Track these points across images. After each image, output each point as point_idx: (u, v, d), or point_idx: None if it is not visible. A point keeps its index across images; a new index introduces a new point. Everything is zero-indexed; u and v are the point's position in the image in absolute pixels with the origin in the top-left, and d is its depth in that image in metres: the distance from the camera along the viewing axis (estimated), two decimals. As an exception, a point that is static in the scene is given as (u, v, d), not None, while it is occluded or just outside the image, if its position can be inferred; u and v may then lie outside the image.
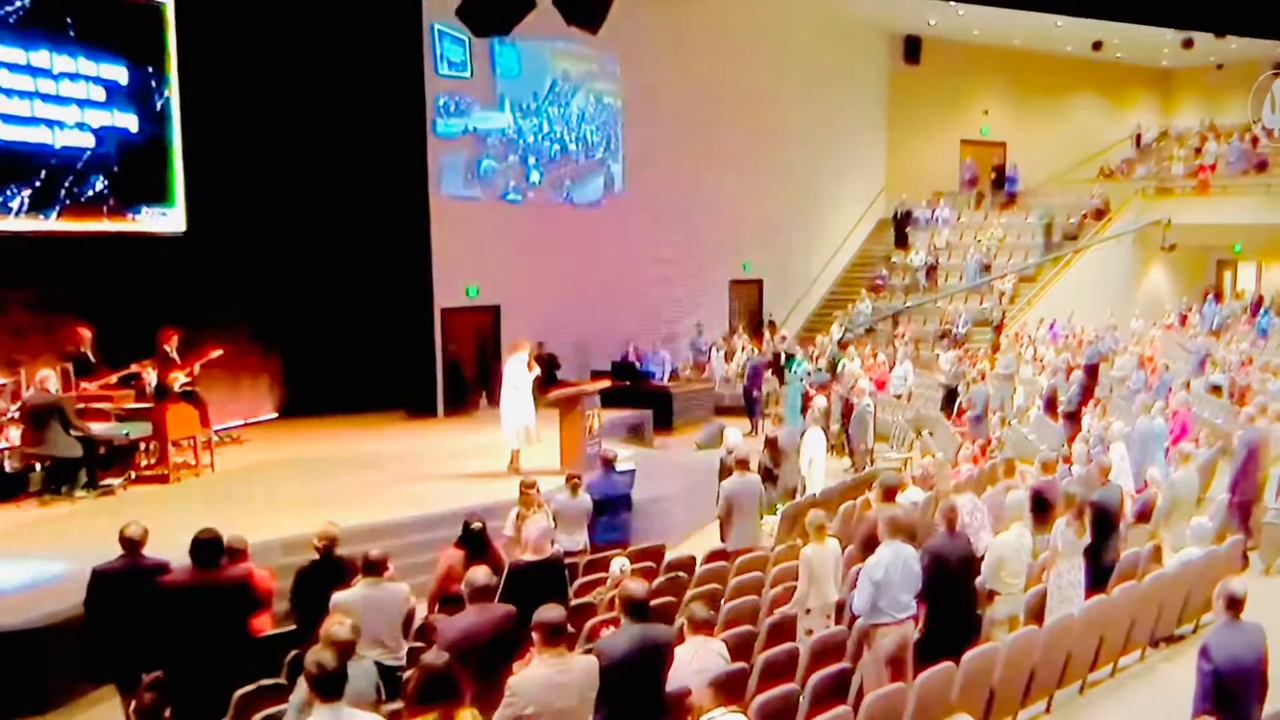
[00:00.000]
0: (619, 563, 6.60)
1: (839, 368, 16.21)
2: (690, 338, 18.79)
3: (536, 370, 10.60)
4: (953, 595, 5.77)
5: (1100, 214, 21.82)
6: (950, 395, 14.74)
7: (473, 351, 15.40)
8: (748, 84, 19.46)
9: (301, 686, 4.01)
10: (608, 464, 8.45)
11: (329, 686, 3.56)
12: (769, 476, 10.26)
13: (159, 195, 12.07)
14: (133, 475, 9.88)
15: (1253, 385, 13.27)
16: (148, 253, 11.72)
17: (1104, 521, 6.91)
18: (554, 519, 7.43)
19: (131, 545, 5.53)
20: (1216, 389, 13.94)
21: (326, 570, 5.57)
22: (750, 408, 16.07)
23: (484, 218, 15.45)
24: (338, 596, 5.01)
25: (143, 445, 10.06)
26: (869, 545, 6.31)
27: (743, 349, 18.11)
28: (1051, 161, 24.54)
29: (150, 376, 10.34)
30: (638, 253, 17.64)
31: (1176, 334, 19.61)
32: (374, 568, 5.16)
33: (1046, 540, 6.71)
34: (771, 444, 10.63)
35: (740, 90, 19.31)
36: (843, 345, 18.14)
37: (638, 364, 16.56)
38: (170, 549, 5.64)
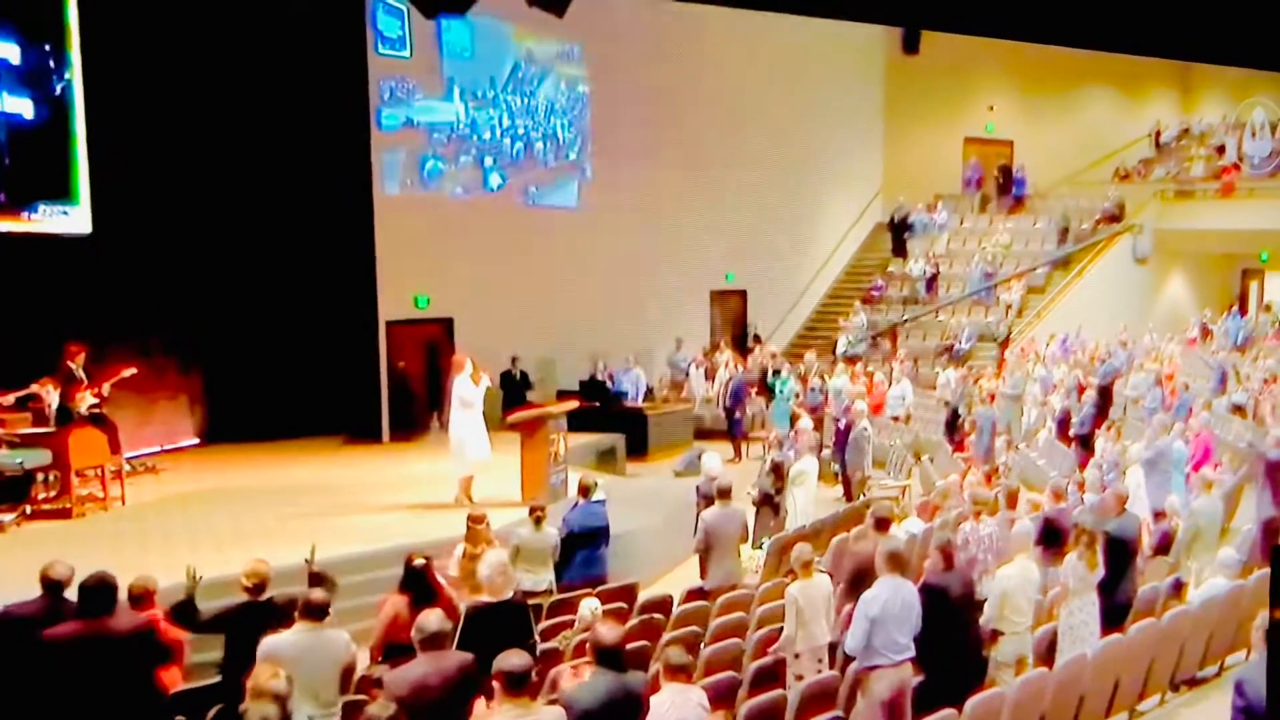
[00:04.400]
0: (589, 604, 6.61)
1: (828, 387, 16.36)
2: (667, 354, 18.88)
3: (486, 381, 10.41)
4: (954, 634, 5.84)
5: (1115, 218, 22.23)
6: (955, 416, 14.93)
7: (422, 369, 15.36)
8: (730, 77, 19.66)
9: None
10: (585, 491, 8.36)
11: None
12: (769, 503, 10.32)
13: (60, 191, 11.90)
14: (28, 510, 9.70)
15: (1279, 405, 13.57)
16: (48, 256, 11.57)
17: (1120, 554, 7.04)
18: (515, 555, 7.43)
19: (54, 588, 5.42)
20: (1239, 409, 14.24)
21: (256, 613, 5.52)
22: (733, 431, 16.17)
23: (436, 220, 15.45)
24: (268, 641, 4.98)
25: (41, 476, 9.89)
26: (857, 581, 6.40)
27: (725, 366, 18.20)
28: (1062, 162, 24.93)
29: (51, 397, 10.19)
30: (609, 260, 17.72)
31: (1199, 349, 19.96)
32: (315, 611, 5.14)
33: (1057, 574, 6.82)
34: (777, 468, 10.69)
35: (722, 84, 19.50)
36: (847, 361, 18.25)
37: (609, 383, 16.59)
38: (69, 593, 5.53)
